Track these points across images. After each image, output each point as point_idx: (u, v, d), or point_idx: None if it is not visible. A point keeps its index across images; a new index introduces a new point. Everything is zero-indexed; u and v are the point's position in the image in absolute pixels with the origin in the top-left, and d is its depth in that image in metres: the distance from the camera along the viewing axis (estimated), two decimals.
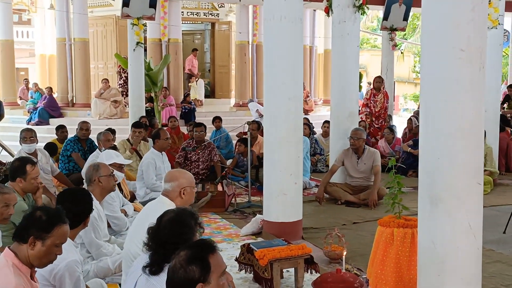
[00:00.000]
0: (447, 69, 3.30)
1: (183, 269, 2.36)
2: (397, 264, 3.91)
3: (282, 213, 5.50)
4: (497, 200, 7.29)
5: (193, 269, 2.35)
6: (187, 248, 2.48)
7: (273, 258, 4.12)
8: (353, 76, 7.46)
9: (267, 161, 5.58)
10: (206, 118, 13.71)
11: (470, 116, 3.33)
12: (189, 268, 2.35)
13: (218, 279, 2.42)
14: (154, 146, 6.92)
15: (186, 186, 3.70)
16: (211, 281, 2.38)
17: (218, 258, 2.46)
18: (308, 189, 8.15)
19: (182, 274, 2.36)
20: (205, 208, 6.73)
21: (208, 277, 2.38)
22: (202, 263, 2.39)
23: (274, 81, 5.42)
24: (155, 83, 12.34)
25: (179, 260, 2.42)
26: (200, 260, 2.40)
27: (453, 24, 3.28)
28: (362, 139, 7.10)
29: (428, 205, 3.47)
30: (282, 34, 5.35)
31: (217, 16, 17.71)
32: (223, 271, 2.46)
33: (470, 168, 3.36)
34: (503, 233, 5.77)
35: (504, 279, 4.48)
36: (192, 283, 2.35)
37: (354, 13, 7.29)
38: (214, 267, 2.40)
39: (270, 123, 5.49)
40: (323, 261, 4.92)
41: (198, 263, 2.38)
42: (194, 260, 2.38)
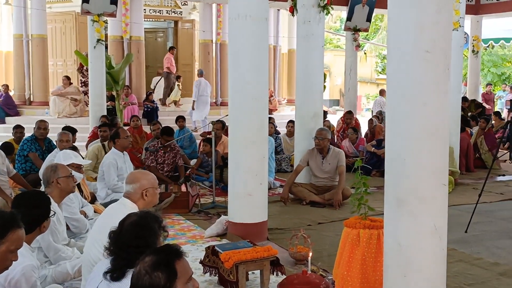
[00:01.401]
0: (413, 71, 3.30)
1: (148, 275, 2.28)
2: (363, 265, 3.90)
3: (247, 214, 5.44)
4: (459, 200, 7.40)
5: (159, 275, 2.27)
6: (152, 253, 2.40)
7: (239, 260, 4.06)
8: (317, 76, 7.46)
9: (231, 162, 5.51)
10: (169, 117, 13.55)
11: (435, 117, 3.34)
12: (155, 275, 2.27)
13: (184, 286, 2.34)
14: (115, 146, 6.76)
15: (148, 187, 3.60)
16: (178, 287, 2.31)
17: (184, 264, 2.39)
18: (272, 189, 8.11)
19: (147, 280, 2.28)
20: (168, 209, 6.62)
21: (174, 283, 2.30)
22: (168, 269, 2.31)
23: (238, 80, 5.35)
24: (117, 81, 12.12)
25: (143, 266, 2.33)
26: (166, 266, 2.32)
27: (419, 26, 3.28)
28: (327, 139, 7.09)
29: (394, 207, 3.46)
30: (247, 33, 5.28)
31: (180, 14, 17.52)
32: (189, 277, 2.39)
33: (436, 169, 3.37)
34: (465, 233, 5.84)
35: (467, 278, 4.53)
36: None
37: (318, 13, 7.29)
38: (180, 273, 2.33)
39: (235, 123, 5.42)
40: (288, 262, 4.88)
41: (164, 269, 2.30)
42: (159, 266, 2.30)
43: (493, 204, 7.26)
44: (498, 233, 5.88)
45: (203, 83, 14.27)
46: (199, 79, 14.39)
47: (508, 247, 5.38)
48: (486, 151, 10.24)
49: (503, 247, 5.38)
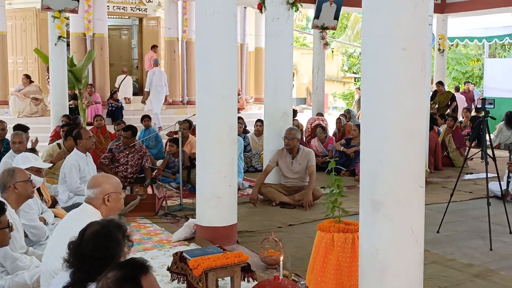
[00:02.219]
0: (388, 69, 3.18)
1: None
2: (337, 270, 3.76)
3: (216, 217, 5.25)
4: (429, 199, 7.25)
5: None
6: (116, 268, 2.21)
7: (208, 267, 3.87)
8: (287, 74, 7.32)
9: (199, 163, 5.32)
10: (135, 116, 13.25)
11: (412, 117, 3.23)
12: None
13: None
14: (77, 147, 6.49)
15: (111, 192, 3.38)
16: None
17: (151, 279, 2.22)
18: (241, 190, 7.93)
19: None
20: (134, 212, 6.37)
21: None
22: (133, 285, 2.14)
23: (206, 79, 5.15)
24: (79, 79, 11.76)
25: (107, 282, 2.16)
26: (131, 282, 2.15)
27: (395, 22, 3.16)
28: (297, 139, 6.95)
29: (369, 210, 3.33)
30: (215, 30, 5.09)
31: (145, 11, 17.18)
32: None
33: (412, 170, 3.27)
34: (437, 233, 5.78)
35: (441, 280, 4.44)
36: None
37: (287, 10, 7.15)
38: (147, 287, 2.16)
39: (203, 123, 5.23)
40: (259, 267, 4.72)
41: (129, 285, 2.14)
42: (124, 282, 2.14)
43: (463, 203, 7.24)
44: (470, 233, 5.83)
45: (157, 72, 14.12)
46: (153, 69, 14.22)
47: (481, 247, 5.33)
48: (454, 149, 10.27)
49: (476, 247, 5.33)
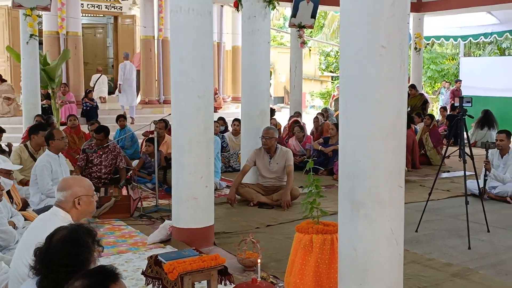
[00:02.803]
0: (367, 67, 3.10)
1: None
2: (316, 272, 3.69)
3: (193, 219, 5.14)
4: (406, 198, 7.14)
5: None
6: (84, 276, 2.11)
7: (184, 271, 3.76)
8: (264, 73, 7.23)
9: (175, 163, 5.19)
10: (110, 116, 13.05)
11: (392, 116, 3.17)
12: None
13: None
14: (49, 148, 6.31)
15: (81, 195, 3.24)
16: None
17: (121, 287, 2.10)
18: (219, 190, 7.83)
19: None
20: (108, 214, 6.24)
21: None
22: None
23: (182, 77, 5.03)
24: (52, 79, 11.51)
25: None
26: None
27: (373, 19, 3.08)
28: (274, 138, 6.87)
29: (348, 210, 3.26)
30: (191, 28, 4.97)
31: (120, 10, 16.98)
32: None
33: (392, 170, 3.20)
34: (416, 232, 5.75)
35: (420, 280, 4.40)
36: None
37: (264, 8, 7.06)
38: None
39: (179, 123, 5.11)
40: (237, 269, 4.63)
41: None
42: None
43: (441, 202, 7.24)
44: (448, 232, 5.81)
45: (128, 66, 14.25)
46: (124, 62, 14.33)
47: (459, 246, 5.31)
48: (431, 148, 10.30)
49: (454, 246, 5.31)
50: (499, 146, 7.38)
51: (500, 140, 7.37)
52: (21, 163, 6.94)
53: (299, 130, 9.97)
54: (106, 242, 5.42)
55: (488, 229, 5.79)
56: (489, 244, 5.43)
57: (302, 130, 10.06)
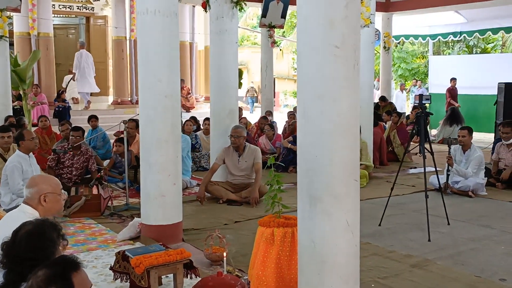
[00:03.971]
0: (322, 67, 3.25)
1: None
2: (277, 264, 3.83)
3: (161, 216, 5.25)
4: (372, 193, 7.55)
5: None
6: (46, 266, 2.21)
7: (150, 265, 3.88)
8: (232, 73, 7.36)
9: (144, 162, 5.30)
10: (82, 116, 13.04)
11: (346, 113, 3.31)
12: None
13: None
14: (19, 148, 6.38)
15: (48, 192, 3.34)
16: None
17: (82, 276, 2.22)
18: (189, 188, 7.95)
19: None
20: (79, 213, 6.32)
21: None
22: (63, 282, 2.15)
23: (149, 78, 5.14)
24: (23, 80, 11.46)
25: (36, 280, 2.16)
26: (62, 279, 2.16)
27: (328, 20, 3.23)
28: (243, 137, 7.01)
29: (307, 205, 3.41)
30: (157, 29, 5.09)
31: (92, 10, 16.93)
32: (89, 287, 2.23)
33: (348, 165, 3.34)
34: (379, 226, 5.94)
35: (381, 271, 4.58)
36: None
37: (231, 9, 7.19)
38: (77, 286, 2.17)
39: (146, 122, 5.22)
40: (204, 263, 4.76)
41: (60, 283, 2.14)
42: (54, 280, 2.14)
43: (405, 197, 7.46)
44: (410, 225, 6.02)
45: (84, 54, 14.97)
46: (80, 51, 15.00)
47: (420, 238, 5.51)
48: (398, 145, 10.54)
49: (415, 239, 5.51)
50: (461, 142, 7.62)
51: (462, 136, 7.62)
52: None
53: (269, 129, 10.12)
54: (76, 240, 5.51)
55: (449, 222, 6.01)
56: (448, 236, 5.65)
57: (272, 129, 10.22)
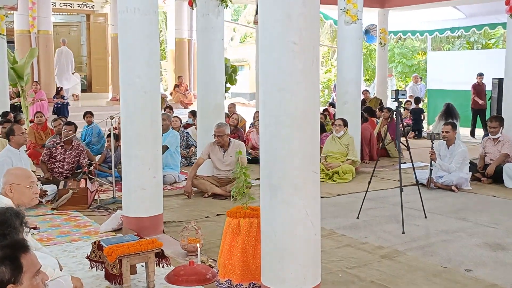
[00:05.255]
0: (281, 62, 3.39)
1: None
2: (243, 253, 3.98)
3: (141, 208, 5.41)
4: (357, 188, 7.67)
5: (3, 270, 2.26)
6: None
7: (122, 254, 4.03)
8: (218, 69, 7.50)
9: (124, 156, 5.46)
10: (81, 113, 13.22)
11: (304, 106, 3.44)
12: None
13: (31, 279, 2.34)
14: (10, 143, 6.57)
15: (13, 182, 3.51)
16: (23, 282, 2.31)
17: (31, 258, 2.38)
18: (177, 182, 8.12)
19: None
20: (66, 206, 6.51)
21: (20, 277, 2.30)
22: (13, 263, 2.30)
23: (129, 74, 5.29)
24: (21, 77, 11.68)
25: None
26: (11, 260, 2.30)
27: (286, 17, 3.36)
28: (226, 135, 7.15)
29: (268, 195, 3.55)
30: (136, 27, 5.23)
31: (92, 8, 17.16)
32: (37, 270, 2.38)
33: (306, 157, 3.46)
34: (357, 219, 6.07)
35: (350, 262, 4.70)
36: (1, 285, 2.25)
37: (217, 6, 7.33)
38: (26, 267, 2.33)
39: (126, 118, 5.37)
40: (180, 254, 4.92)
41: (8, 264, 2.28)
42: (3, 261, 2.28)
43: (388, 191, 7.57)
44: (388, 218, 6.13)
45: (64, 51, 16.05)
46: (61, 48, 16.05)
47: (395, 230, 5.63)
48: (389, 141, 10.64)
49: (390, 231, 5.63)
50: (444, 137, 7.73)
51: (445, 132, 7.72)
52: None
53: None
54: (61, 232, 5.70)
55: (425, 215, 6.12)
56: (423, 228, 5.76)
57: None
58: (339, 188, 7.79)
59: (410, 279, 4.31)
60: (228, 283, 4.02)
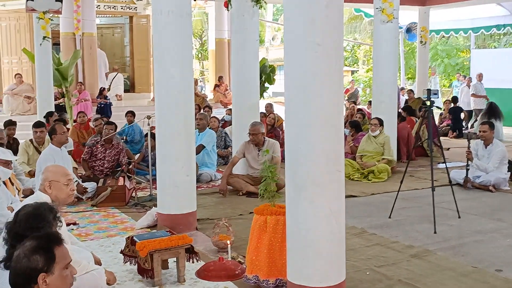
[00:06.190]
0: (305, 63, 3.47)
1: (26, 258, 2.40)
2: (270, 249, 4.06)
3: (175, 206, 5.55)
4: (391, 187, 7.61)
5: (37, 258, 2.41)
6: (33, 238, 2.53)
7: (153, 249, 4.18)
8: (253, 70, 7.61)
9: (159, 155, 5.62)
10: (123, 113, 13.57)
11: (327, 107, 3.51)
12: (33, 258, 2.40)
13: (62, 271, 2.48)
14: (52, 142, 6.83)
15: (52, 180, 3.69)
16: (54, 272, 2.45)
17: (63, 250, 2.52)
18: (213, 181, 8.27)
19: (25, 263, 2.40)
20: (105, 202, 6.73)
21: (51, 267, 2.44)
22: (46, 253, 2.44)
23: (163, 75, 5.45)
24: (65, 78, 12.08)
25: (23, 249, 2.45)
26: (45, 250, 2.45)
27: (310, 19, 3.43)
28: (261, 133, 7.25)
29: (293, 193, 3.63)
30: (170, 28, 5.39)
31: (135, 10, 17.55)
32: (67, 263, 2.53)
33: (329, 156, 3.53)
34: (389, 218, 6.06)
35: (379, 260, 4.73)
36: (35, 272, 2.40)
37: (252, 7, 7.44)
38: (58, 259, 2.47)
39: (161, 117, 5.53)
40: (211, 250, 5.03)
41: (43, 253, 2.43)
42: (39, 250, 2.43)
43: (423, 191, 7.47)
44: (420, 218, 6.10)
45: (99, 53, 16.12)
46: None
47: (426, 230, 5.60)
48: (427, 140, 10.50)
49: (421, 231, 5.60)
50: (482, 137, 7.62)
51: (483, 132, 7.61)
52: (28, 157, 7.52)
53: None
54: (99, 227, 5.92)
55: (459, 215, 6.06)
56: (456, 228, 5.72)
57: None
58: (373, 188, 7.78)
59: (438, 278, 4.31)
60: (256, 279, 4.10)
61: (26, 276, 2.39)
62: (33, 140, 7.76)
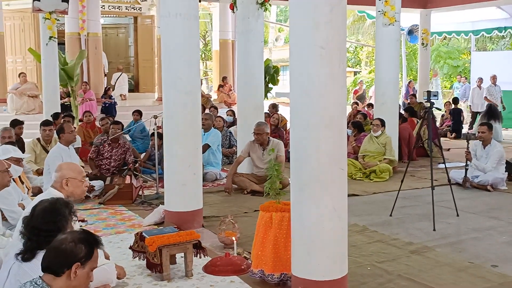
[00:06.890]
0: (309, 66, 3.61)
1: (73, 243, 2.62)
2: (275, 245, 4.21)
3: (182, 203, 5.70)
4: (393, 186, 7.76)
5: (82, 248, 2.63)
6: (85, 232, 2.75)
7: (162, 244, 4.33)
8: (257, 71, 7.76)
9: (166, 154, 5.77)
10: (128, 112, 13.73)
11: (331, 108, 3.65)
12: (79, 246, 2.62)
13: (89, 271, 2.69)
14: (60, 141, 7.00)
15: (69, 177, 3.84)
16: (85, 267, 2.66)
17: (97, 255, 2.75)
18: (218, 180, 8.42)
19: (71, 247, 2.61)
20: (112, 200, 6.88)
21: (86, 262, 2.66)
22: (90, 248, 2.67)
23: (170, 76, 5.59)
24: (71, 77, 12.24)
25: (72, 235, 2.67)
26: (90, 245, 2.68)
27: (314, 24, 3.58)
28: (266, 133, 7.41)
29: (297, 191, 3.78)
30: (178, 31, 5.53)
31: (139, 10, 17.70)
32: (95, 267, 2.74)
33: (333, 155, 3.67)
34: (390, 216, 6.22)
35: (380, 256, 4.88)
36: (74, 258, 2.60)
37: (257, 10, 7.59)
38: (93, 258, 2.70)
39: (168, 117, 5.68)
40: (217, 246, 5.18)
41: (87, 246, 2.66)
42: (85, 242, 2.66)
43: (423, 190, 7.62)
44: (420, 216, 6.25)
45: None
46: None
47: (425, 228, 5.76)
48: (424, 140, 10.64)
49: (421, 228, 5.76)
50: (481, 138, 7.77)
51: (481, 132, 7.76)
52: (35, 156, 7.68)
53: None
54: (107, 224, 6.07)
55: (458, 214, 6.22)
56: (454, 226, 5.88)
57: None
58: (375, 187, 7.94)
59: (437, 273, 4.46)
60: (261, 273, 4.25)
61: (65, 258, 2.59)
62: (41, 138, 7.93)
